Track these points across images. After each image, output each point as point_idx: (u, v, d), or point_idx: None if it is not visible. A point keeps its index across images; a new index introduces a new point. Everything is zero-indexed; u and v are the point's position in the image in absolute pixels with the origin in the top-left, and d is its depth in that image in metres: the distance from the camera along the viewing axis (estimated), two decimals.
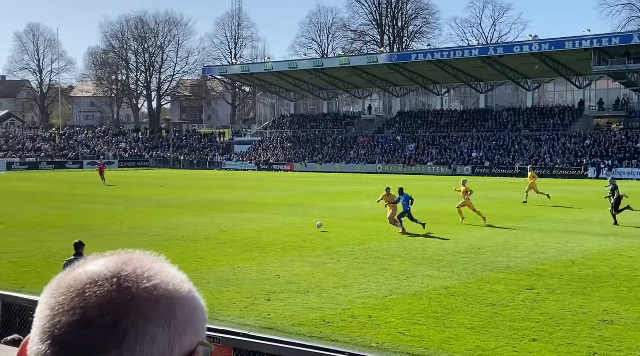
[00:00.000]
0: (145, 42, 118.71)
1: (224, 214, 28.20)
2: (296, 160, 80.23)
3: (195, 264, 17.07)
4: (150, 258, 0.97)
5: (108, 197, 37.62)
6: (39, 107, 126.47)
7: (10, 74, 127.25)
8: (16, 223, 24.52)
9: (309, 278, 15.35)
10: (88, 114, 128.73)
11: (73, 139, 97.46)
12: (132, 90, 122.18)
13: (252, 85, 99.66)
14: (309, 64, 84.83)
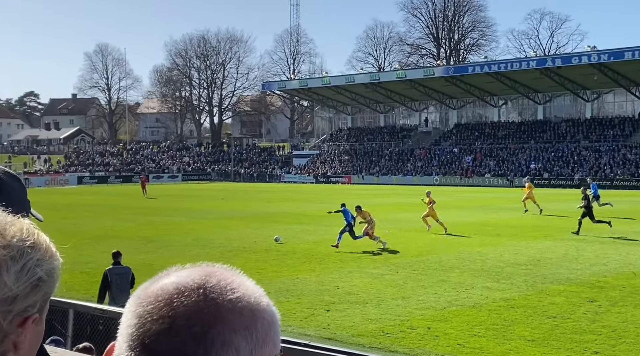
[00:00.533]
0: (207, 60, 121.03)
1: (284, 226, 28.39)
2: (353, 172, 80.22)
3: (256, 275, 17.22)
4: (231, 271, 0.98)
5: (172, 210, 38.35)
6: (107, 123, 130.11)
7: (81, 92, 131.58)
8: (87, 236, 25.23)
9: (367, 290, 15.30)
10: (153, 130, 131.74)
11: (139, 154, 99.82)
12: (195, 106, 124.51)
13: (310, 99, 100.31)
14: (365, 78, 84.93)
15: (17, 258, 1.04)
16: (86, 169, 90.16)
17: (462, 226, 28.49)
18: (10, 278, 1.02)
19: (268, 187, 67.18)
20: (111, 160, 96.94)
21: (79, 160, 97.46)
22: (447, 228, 25.59)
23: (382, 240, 21.99)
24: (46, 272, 1.08)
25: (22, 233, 1.08)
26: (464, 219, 31.42)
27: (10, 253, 1.04)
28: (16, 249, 1.05)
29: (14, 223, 1.09)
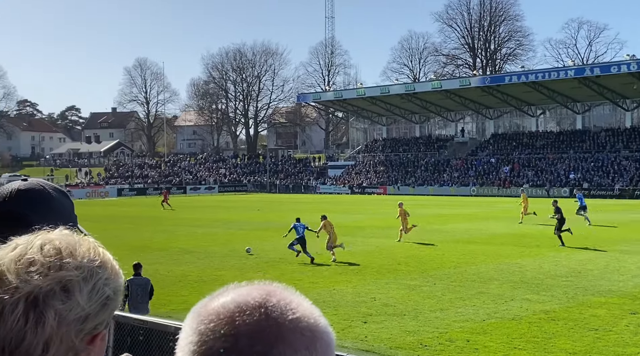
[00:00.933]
0: (243, 73, 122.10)
1: (320, 238, 28.35)
2: (389, 183, 79.89)
3: (293, 286, 17.19)
4: (289, 290, 0.98)
5: (209, 221, 38.63)
6: (146, 136, 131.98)
7: (121, 106, 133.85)
8: (127, 247, 25.54)
9: (405, 301, 15.18)
10: (191, 142, 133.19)
11: (177, 166, 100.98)
12: (231, 119, 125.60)
13: (345, 110, 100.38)
14: (401, 88, 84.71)
15: (88, 279, 1.08)
16: (125, 181, 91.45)
17: (500, 237, 28.15)
18: (83, 298, 1.06)
19: (303, 198, 67.26)
20: (150, 172, 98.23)
21: (118, 173, 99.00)
22: (401, 240, 26.70)
23: (343, 246, 22.89)
24: (113, 290, 1.12)
25: (91, 253, 1.12)
26: (502, 230, 31.04)
27: (82, 274, 1.08)
28: (87, 270, 1.09)
29: (82, 243, 1.13)
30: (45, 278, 1.05)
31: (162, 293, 16.34)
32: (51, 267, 1.07)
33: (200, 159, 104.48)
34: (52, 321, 1.03)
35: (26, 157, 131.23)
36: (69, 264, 1.08)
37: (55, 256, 1.08)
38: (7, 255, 1.09)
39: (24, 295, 1.03)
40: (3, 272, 1.06)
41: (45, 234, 1.14)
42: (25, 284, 1.04)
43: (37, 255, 1.08)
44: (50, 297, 1.04)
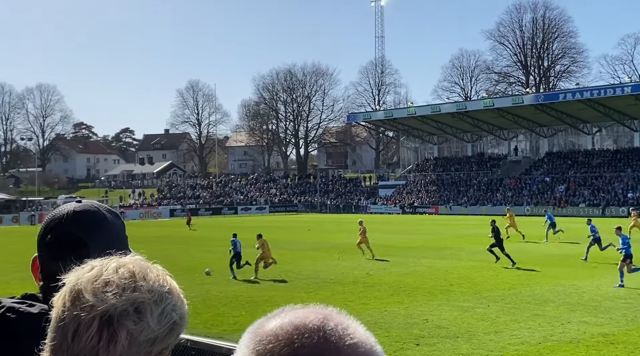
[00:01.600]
0: (293, 93, 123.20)
1: (371, 258, 28.25)
2: (441, 203, 79.13)
3: (344, 307, 17.00)
4: (345, 315, 0.98)
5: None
6: (198, 157, 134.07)
7: (173, 127, 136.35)
8: (178, 268, 25.88)
9: (458, 323, 14.98)
10: (242, 163, 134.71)
11: (228, 186, 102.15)
12: (282, 139, 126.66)
13: (396, 130, 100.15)
14: (452, 107, 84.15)
15: (158, 303, 1.13)
16: (178, 202, 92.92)
17: (555, 257, 27.58)
18: (153, 320, 1.11)
19: (354, 218, 67.10)
20: (201, 192, 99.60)
21: (171, 193, 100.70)
22: (374, 255, 28.36)
23: (275, 261, 24.56)
24: (179, 316, 1.16)
25: (160, 279, 1.17)
26: (557, 251, 30.40)
27: (153, 298, 1.13)
28: (157, 294, 1.14)
29: (152, 269, 1.18)
30: (120, 298, 1.10)
31: (214, 313, 16.50)
32: (125, 288, 1.11)
33: (251, 179, 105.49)
34: (124, 340, 1.08)
35: (82, 179, 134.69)
36: (142, 287, 1.13)
37: (130, 278, 1.13)
38: (84, 275, 1.14)
39: (99, 313, 1.08)
40: (80, 291, 1.11)
41: (119, 258, 1.19)
42: (101, 303, 1.09)
43: (112, 277, 1.13)
44: (123, 317, 1.09)
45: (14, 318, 1.56)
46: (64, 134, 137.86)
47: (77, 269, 1.18)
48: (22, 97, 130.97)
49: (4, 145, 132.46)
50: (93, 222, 1.70)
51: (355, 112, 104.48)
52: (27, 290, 7.29)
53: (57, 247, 1.65)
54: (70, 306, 1.10)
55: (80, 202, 1.76)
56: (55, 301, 1.15)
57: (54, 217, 1.71)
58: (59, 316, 1.12)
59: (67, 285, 1.15)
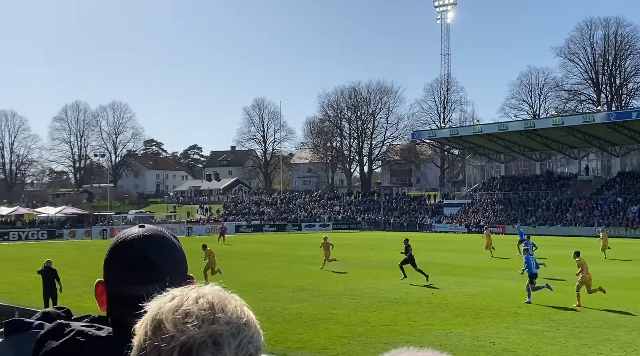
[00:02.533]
0: (358, 111, 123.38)
1: (435, 277, 27.89)
2: (508, 222, 77.53)
3: (407, 327, 17.03)
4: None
5: (323, 259, 38.89)
6: (263, 174, 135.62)
7: (239, 144, 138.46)
8: (243, 284, 26.18)
9: (526, 347, 14.62)
10: (305, 179, 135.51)
11: (292, 203, 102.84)
12: (346, 156, 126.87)
13: (461, 147, 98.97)
14: (519, 125, 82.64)
15: (236, 335, 1.15)
16: (243, 218, 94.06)
17: (627, 281, 26.64)
18: (230, 353, 1.12)
19: (418, 237, 66.49)
20: (266, 209, 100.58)
21: (236, 209, 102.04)
22: (323, 266, 32.22)
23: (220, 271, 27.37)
24: (255, 349, 1.18)
25: (238, 310, 1.19)
26: (629, 273, 29.36)
27: (231, 330, 1.14)
28: (235, 326, 1.15)
29: (230, 300, 1.20)
30: (199, 330, 1.12)
31: (278, 330, 16.59)
32: (205, 320, 1.13)
33: (314, 196, 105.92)
34: None
35: (151, 194, 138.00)
36: (220, 319, 1.14)
37: (209, 310, 1.15)
38: (165, 305, 1.17)
39: (179, 344, 1.10)
40: (161, 321, 1.14)
41: (199, 288, 1.21)
42: (180, 334, 1.11)
43: (192, 307, 1.15)
44: (202, 349, 1.10)
45: (83, 342, 1.59)
46: (135, 151, 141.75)
47: (158, 297, 1.20)
48: (96, 115, 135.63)
49: (79, 161, 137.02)
50: (162, 245, 1.72)
51: (420, 130, 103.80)
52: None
53: (132, 271, 1.67)
54: (152, 335, 1.13)
55: (143, 227, 1.77)
56: (138, 328, 1.18)
57: (124, 240, 1.72)
58: (141, 345, 1.15)
59: (149, 313, 1.18)
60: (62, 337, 1.61)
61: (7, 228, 75.33)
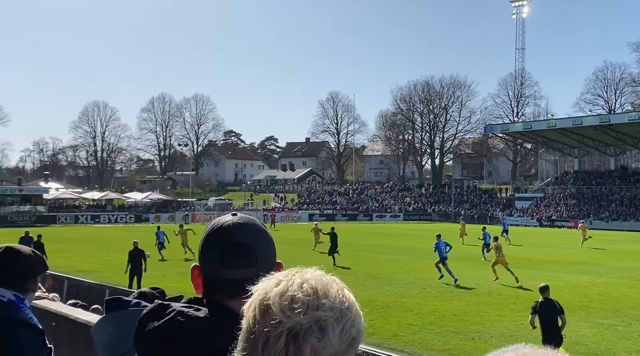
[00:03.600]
0: (430, 104, 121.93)
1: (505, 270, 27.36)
2: (580, 217, 75.16)
3: (478, 318, 16.81)
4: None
5: (394, 248, 38.82)
6: (336, 164, 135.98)
7: (314, 136, 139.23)
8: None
9: (597, 341, 14.22)
10: (377, 171, 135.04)
11: (364, 194, 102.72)
12: (417, 149, 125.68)
13: (534, 142, 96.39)
14: (594, 120, 79.80)
15: (339, 320, 1.16)
16: (316, 207, 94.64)
17: None
18: (335, 337, 1.14)
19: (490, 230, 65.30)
20: (338, 198, 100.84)
21: (310, 199, 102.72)
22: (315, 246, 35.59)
23: None
24: (357, 332, 1.19)
25: (340, 295, 1.20)
26: None
27: (335, 315, 1.16)
28: (338, 311, 1.17)
29: (332, 285, 1.21)
30: (305, 316, 1.14)
31: None
32: (310, 306, 1.15)
33: (386, 188, 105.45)
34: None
35: (230, 183, 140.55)
36: (324, 305, 1.16)
37: (313, 295, 1.16)
38: (272, 290, 1.18)
39: (287, 329, 1.13)
40: (269, 306, 1.16)
41: (302, 273, 1.22)
42: (288, 319, 1.13)
43: (298, 293, 1.16)
44: (308, 334, 1.13)
45: (183, 322, 1.63)
46: (215, 141, 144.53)
47: (264, 281, 1.22)
48: (180, 107, 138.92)
49: (164, 150, 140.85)
50: (257, 232, 1.77)
51: (492, 124, 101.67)
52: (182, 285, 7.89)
53: (229, 256, 1.71)
54: (260, 319, 1.16)
55: (236, 215, 1.82)
56: (246, 310, 1.21)
57: (220, 228, 1.77)
58: (250, 328, 1.18)
59: (256, 296, 1.20)
60: (164, 317, 1.66)
61: (98, 211, 78.35)
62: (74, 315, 4.46)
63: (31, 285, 3.00)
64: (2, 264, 2.94)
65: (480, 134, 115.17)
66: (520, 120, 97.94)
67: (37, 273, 3.05)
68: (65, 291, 16.01)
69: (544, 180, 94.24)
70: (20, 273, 2.94)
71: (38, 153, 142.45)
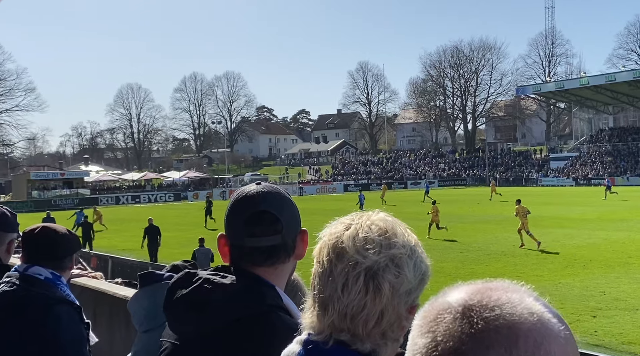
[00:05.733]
0: (460, 69, 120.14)
1: (544, 229, 27.08)
2: (617, 174, 73.76)
3: (516, 278, 16.42)
4: (503, 288, 0.94)
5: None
6: (368, 135, 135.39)
7: (345, 107, 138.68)
8: None
9: (637, 296, 14.01)
10: (410, 139, 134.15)
11: (398, 162, 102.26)
12: (449, 115, 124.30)
13: (567, 101, 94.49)
14: (628, 75, 77.72)
15: (411, 256, 1.24)
16: (351, 178, 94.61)
17: None
18: (410, 272, 1.22)
19: (525, 191, 64.50)
20: (372, 168, 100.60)
21: (344, 170, 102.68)
22: None
23: None
24: (427, 267, 1.27)
25: (406, 234, 1.28)
26: None
27: (407, 252, 1.23)
28: (409, 248, 1.24)
29: (397, 224, 1.29)
30: (380, 254, 1.20)
31: None
32: (383, 245, 1.22)
33: (419, 155, 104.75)
34: (388, 292, 1.20)
35: (264, 158, 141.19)
36: (396, 243, 1.23)
37: (384, 235, 1.23)
38: (344, 234, 1.25)
39: (364, 269, 1.19)
40: (344, 249, 1.22)
41: (367, 216, 1.29)
42: (364, 259, 1.20)
43: (369, 234, 1.23)
44: (386, 271, 1.20)
45: (210, 289, 1.64)
46: (248, 117, 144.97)
47: (330, 226, 1.29)
48: (212, 85, 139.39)
49: (198, 128, 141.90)
50: (281, 201, 1.77)
51: (524, 85, 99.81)
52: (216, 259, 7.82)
53: (255, 224, 1.71)
54: (337, 262, 1.21)
55: (260, 184, 1.81)
56: (317, 255, 1.26)
57: (245, 196, 1.76)
58: (326, 271, 1.23)
59: (326, 241, 1.26)
60: (191, 285, 1.67)
61: (138, 191, 79.53)
62: (112, 291, 4.54)
63: (68, 263, 3.05)
64: (39, 243, 2.98)
65: (513, 96, 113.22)
66: (553, 79, 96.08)
67: (73, 252, 3.09)
68: (110, 270, 16.34)
69: (578, 139, 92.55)
70: (56, 251, 2.99)
71: (77, 137, 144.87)
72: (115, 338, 4.35)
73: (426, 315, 0.95)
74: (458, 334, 0.88)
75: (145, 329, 2.29)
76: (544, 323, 0.88)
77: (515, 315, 0.88)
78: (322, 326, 1.24)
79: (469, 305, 0.91)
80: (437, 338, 0.90)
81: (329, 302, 1.22)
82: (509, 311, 0.88)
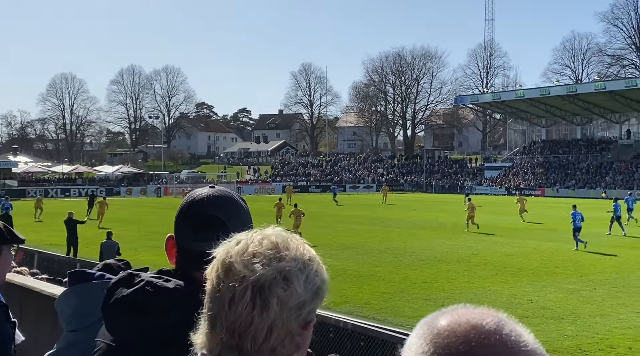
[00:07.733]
0: (402, 76, 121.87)
1: (475, 237, 27.78)
2: (547, 185, 76.30)
3: (448, 285, 17.05)
4: (519, 324, 0.96)
5: (368, 219, 39.04)
6: (309, 136, 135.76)
7: (287, 108, 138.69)
8: None
9: (563, 305, 14.51)
10: (350, 142, 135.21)
11: (337, 165, 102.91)
12: (390, 120, 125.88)
13: (503, 112, 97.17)
14: (562, 90, 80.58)
15: (302, 269, 1.20)
16: (290, 179, 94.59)
17: None
18: (300, 286, 1.18)
19: (459, 199, 66.00)
20: (312, 170, 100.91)
21: (283, 171, 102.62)
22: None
23: None
24: (321, 281, 1.24)
25: (301, 247, 1.24)
26: None
27: (298, 265, 1.19)
28: (301, 262, 1.20)
29: (292, 239, 1.25)
30: (268, 268, 1.16)
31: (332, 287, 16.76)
32: (272, 258, 1.18)
33: (359, 159, 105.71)
34: (276, 306, 1.15)
35: (203, 155, 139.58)
36: (287, 256, 1.19)
37: (274, 249, 1.19)
38: (233, 249, 1.21)
39: (251, 283, 1.15)
40: (232, 263, 1.18)
41: (261, 231, 1.26)
42: (251, 273, 1.16)
43: (258, 248, 1.19)
44: (273, 285, 1.16)
45: (152, 292, 1.62)
46: (187, 113, 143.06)
47: (224, 243, 1.24)
48: (150, 78, 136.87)
49: (134, 122, 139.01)
50: (231, 206, 1.76)
51: (463, 95, 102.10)
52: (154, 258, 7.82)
53: (202, 228, 1.70)
54: (224, 278, 1.18)
55: (213, 187, 1.80)
56: (209, 273, 1.22)
57: (194, 200, 1.76)
58: (214, 288, 1.19)
59: (218, 258, 1.22)
60: (133, 286, 1.65)
61: (68, 185, 77.36)
62: (39, 288, 4.40)
63: None
64: None
65: (451, 105, 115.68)
66: (490, 91, 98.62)
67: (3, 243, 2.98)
68: (36, 265, 15.82)
69: (512, 150, 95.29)
70: None
71: (6, 126, 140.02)
72: (41, 336, 4.23)
73: (451, 333, 0.92)
74: None
75: (73, 328, 2.23)
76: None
77: (540, 353, 0.92)
78: (211, 344, 1.20)
79: (506, 334, 0.91)
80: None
81: (216, 320, 1.18)
82: (535, 348, 0.92)
